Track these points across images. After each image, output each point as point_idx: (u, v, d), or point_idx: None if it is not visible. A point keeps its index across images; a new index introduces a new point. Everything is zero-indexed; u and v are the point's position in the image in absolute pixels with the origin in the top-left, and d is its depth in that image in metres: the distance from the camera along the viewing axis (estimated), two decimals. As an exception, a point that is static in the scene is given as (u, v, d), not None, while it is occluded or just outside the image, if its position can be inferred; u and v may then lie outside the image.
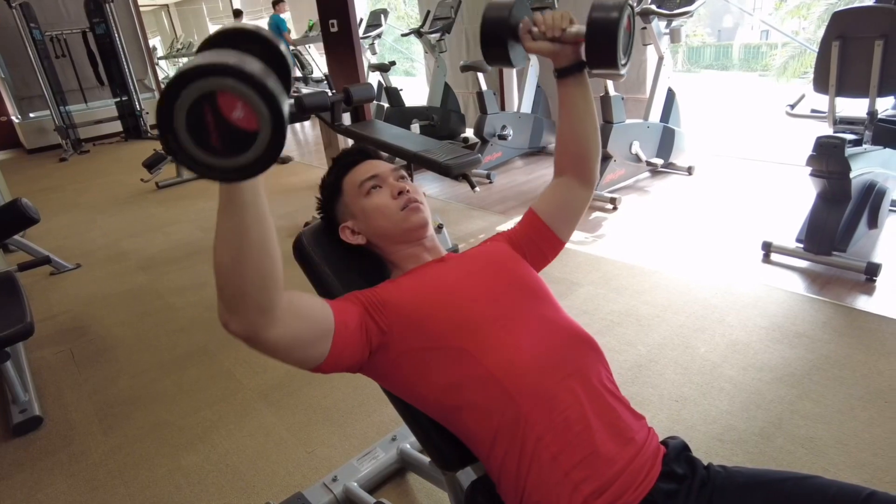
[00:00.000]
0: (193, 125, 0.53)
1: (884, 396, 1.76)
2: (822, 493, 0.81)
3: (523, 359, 0.85)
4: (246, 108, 0.54)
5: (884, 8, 2.17)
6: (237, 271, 0.68)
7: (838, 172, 2.32)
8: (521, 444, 0.81)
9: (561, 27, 0.97)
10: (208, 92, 0.52)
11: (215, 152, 0.55)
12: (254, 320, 0.71)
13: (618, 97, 3.60)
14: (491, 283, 0.95)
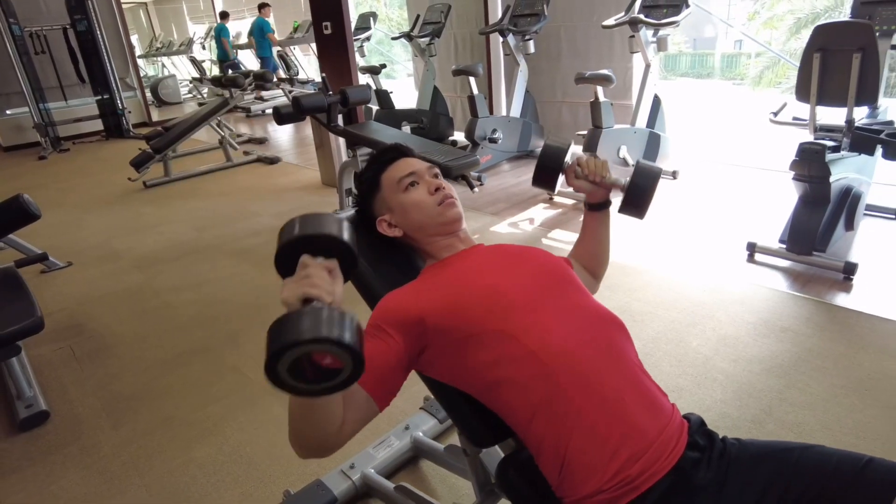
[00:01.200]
0: (293, 369, 0.68)
1: (864, 385, 1.88)
2: (826, 459, 0.90)
3: (560, 336, 0.92)
4: (334, 358, 0.69)
5: (861, 23, 2.31)
6: (309, 439, 0.83)
7: (819, 177, 2.45)
8: (562, 416, 0.88)
9: (602, 174, 1.17)
10: (306, 353, 0.68)
11: (308, 382, 0.70)
12: (325, 453, 0.86)
13: (607, 103, 3.71)
14: (523, 269, 1.03)
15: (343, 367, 0.70)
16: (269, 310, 2.68)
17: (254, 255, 3.37)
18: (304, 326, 0.67)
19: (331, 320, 0.68)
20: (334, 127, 3.56)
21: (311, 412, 0.80)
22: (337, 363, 0.69)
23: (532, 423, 0.90)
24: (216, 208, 4.37)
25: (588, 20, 4.78)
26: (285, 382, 0.69)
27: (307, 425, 0.81)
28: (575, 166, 1.20)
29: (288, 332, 0.67)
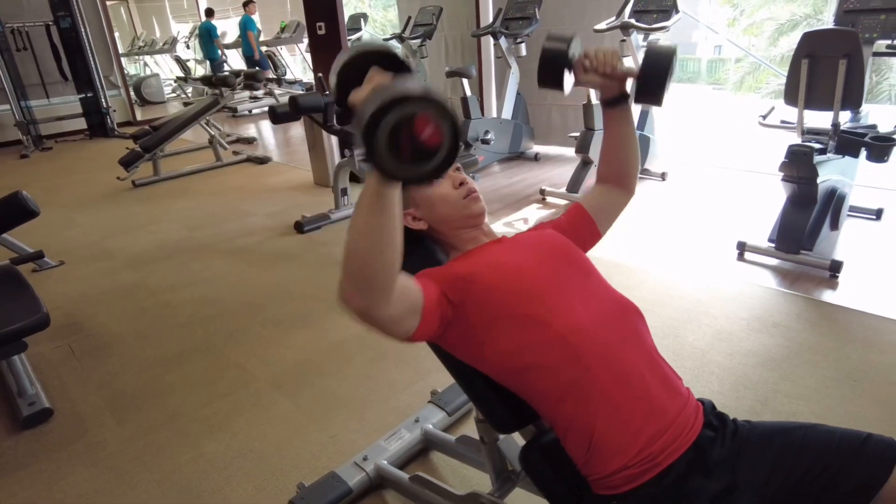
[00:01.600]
0: (392, 141, 0.66)
1: (852, 377, 1.96)
2: (829, 436, 0.96)
3: (586, 321, 0.97)
4: (436, 130, 0.67)
5: (847, 31, 2.41)
6: (372, 258, 0.79)
7: (807, 178, 2.54)
8: (589, 397, 0.92)
9: (612, 64, 1.10)
10: (411, 114, 0.65)
11: (403, 162, 0.68)
12: (375, 299, 0.82)
13: (599, 105, 3.78)
14: (548, 259, 1.07)
15: (441, 143, 0.69)
16: (268, 309, 2.70)
17: (249, 255, 3.38)
18: (413, 86, 0.66)
19: (427, 86, 0.68)
20: (330, 127, 3.58)
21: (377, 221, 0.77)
22: (436, 138, 0.68)
23: (560, 404, 0.94)
24: (208, 208, 4.35)
25: (578, 24, 4.86)
26: (381, 154, 0.67)
27: (368, 243, 0.78)
28: (583, 60, 1.12)
29: (397, 90, 0.65)
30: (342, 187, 3.84)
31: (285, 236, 3.63)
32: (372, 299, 0.82)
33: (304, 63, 10.11)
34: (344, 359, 2.28)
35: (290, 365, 2.26)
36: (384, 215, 0.77)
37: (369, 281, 0.80)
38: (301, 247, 3.47)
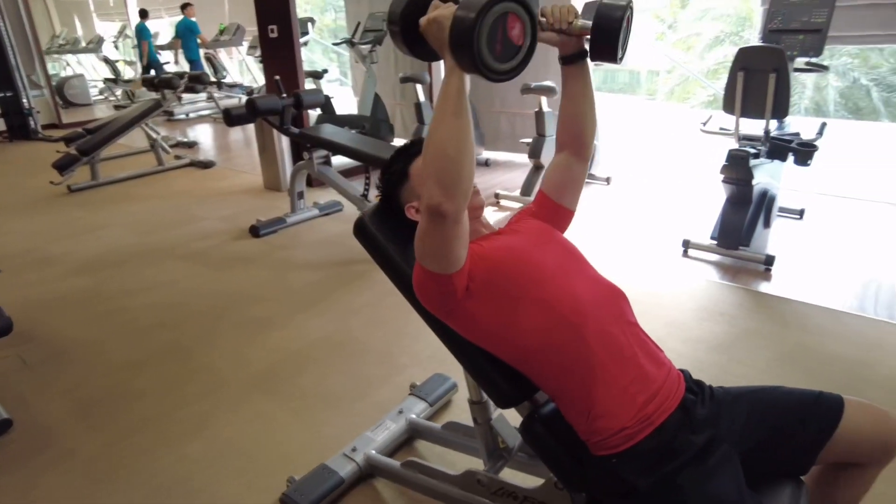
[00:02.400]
0: (490, 35, 0.81)
1: (791, 357, 2.18)
2: (788, 395, 1.11)
3: (585, 303, 1.07)
4: (522, 28, 0.82)
5: (776, 48, 2.68)
6: (461, 157, 0.90)
7: (745, 180, 2.79)
8: (589, 370, 1.02)
9: (567, 20, 1.07)
10: (506, 12, 0.81)
11: (496, 58, 0.83)
12: (459, 203, 0.92)
13: (550, 113, 3.97)
14: (548, 248, 1.17)
15: (524, 43, 0.86)
16: (233, 312, 2.67)
17: (207, 258, 3.31)
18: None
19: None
20: (287, 129, 3.57)
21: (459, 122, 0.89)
22: (521, 37, 0.85)
23: (564, 378, 1.04)
24: (156, 212, 4.21)
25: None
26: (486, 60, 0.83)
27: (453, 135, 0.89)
28: (539, 18, 1.05)
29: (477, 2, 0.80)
30: (298, 190, 3.83)
31: (241, 240, 3.58)
32: (459, 198, 0.92)
33: (244, 66, 9.91)
34: (318, 358, 2.30)
35: (264, 365, 2.26)
36: (466, 116, 0.90)
37: (458, 179, 0.91)
38: (259, 251, 3.43)
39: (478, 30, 0.80)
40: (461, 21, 0.81)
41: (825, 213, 3.66)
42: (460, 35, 0.82)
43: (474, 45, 0.80)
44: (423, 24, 0.93)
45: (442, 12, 0.90)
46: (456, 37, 0.83)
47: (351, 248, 3.44)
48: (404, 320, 2.56)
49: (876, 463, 1.09)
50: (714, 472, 0.96)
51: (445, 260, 1.00)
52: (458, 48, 0.84)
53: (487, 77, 0.87)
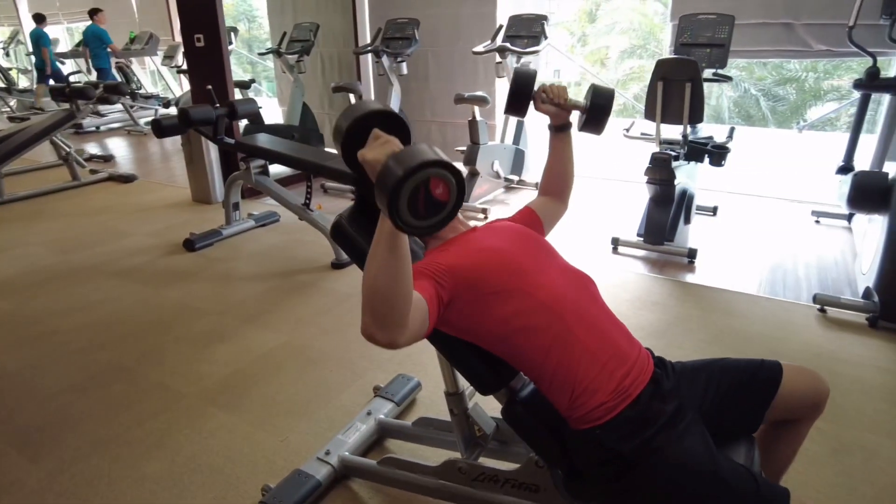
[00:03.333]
0: (411, 200, 0.81)
1: (719, 338, 2.41)
2: (736, 364, 1.27)
3: (561, 290, 1.17)
4: (446, 187, 0.82)
5: (690, 60, 2.94)
6: (393, 294, 0.91)
7: (667, 180, 3.04)
8: (571, 349, 1.12)
9: (563, 97, 1.36)
10: (427, 177, 0.80)
11: (418, 217, 0.82)
12: (397, 329, 0.94)
13: (483, 122, 4.11)
14: (521, 243, 1.26)
15: (449, 197, 0.84)
16: (177, 327, 2.58)
17: (140, 275, 3.16)
18: (426, 153, 0.79)
19: (433, 152, 0.81)
20: (221, 140, 3.48)
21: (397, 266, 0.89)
22: (445, 194, 0.83)
23: (547, 358, 1.13)
24: (76, 229, 3.96)
25: (453, 46, 5.21)
26: (404, 218, 0.81)
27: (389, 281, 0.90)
28: (541, 93, 1.37)
29: (413, 157, 0.78)
30: (234, 202, 3.74)
31: (175, 255, 3.45)
32: (395, 330, 0.94)
33: (156, 77, 9.46)
34: (274, 368, 2.28)
35: (218, 379, 2.21)
36: (400, 256, 0.89)
37: (391, 313, 0.92)
38: (197, 264, 3.32)
39: (398, 195, 0.79)
40: (382, 184, 0.80)
41: (735, 210, 4.03)
42: (382, 196, 0.80)
43: (395, 208, 0.80)
44: (360, 158, 0.96)
45: (374, 156, 0.92)
46: (379, 196, 0.82)
47: (293, 258, 3.41)
48: (357, 326, 2.57)
49: (809, 417, 1.26)
50: (684, 434, 1.07)
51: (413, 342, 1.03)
52: (381, 205, 0.83)
53: (407, 232, 0.86)
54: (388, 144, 0.95)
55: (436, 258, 1.18)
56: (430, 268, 1.14)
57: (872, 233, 2.74)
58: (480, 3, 4.97)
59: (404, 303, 0.93)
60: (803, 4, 3.65)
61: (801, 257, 3.22)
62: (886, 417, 1.93)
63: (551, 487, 1.29)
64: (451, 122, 5.52)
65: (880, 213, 2.54)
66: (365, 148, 0.97)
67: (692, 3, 3.89)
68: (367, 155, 0.94)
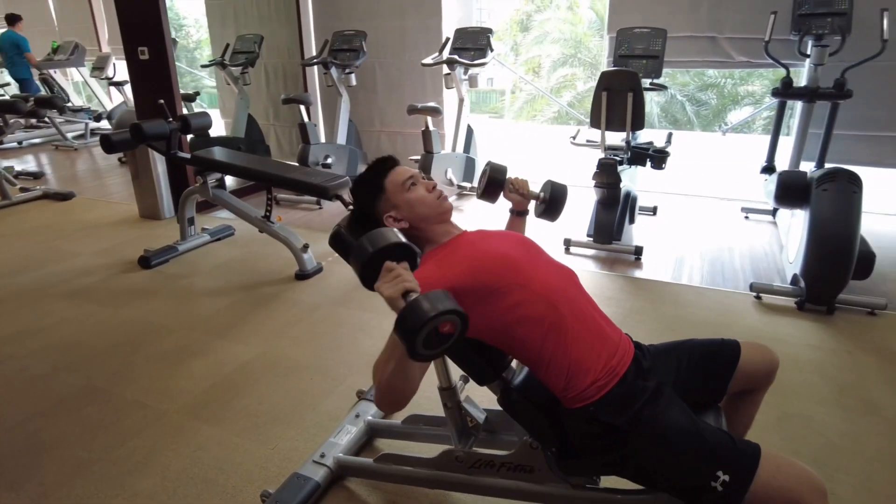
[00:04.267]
0: (427, 340, 0.98)
1: (671, 327, 2.62)
2: (701, 344, 1.43)
3: (552, 282, 1.29)
4: (452, 326, 1.00)
5: (631, 71, 3.18)
6: (403, 389, 1.16)
7: (613, 184, 3.26)
8: (564, 335, 1.24)
9: (527, 189, 1.67)
10: (443, 321, 0.98)
11: (429, 347, 1.00)
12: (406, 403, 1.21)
13: (436, 132, 4.24)
14: (509, 241, 1.38)
15: (455, 330, 1.02)
16: (146, 345, 2.55)
17: (95, 295, 3.07)
18: (430, 307, 0.97)
19: (444, 299, 0.99)
20: (174, 155, 3.44)
21: (408, 372, 1.14)
22: (452, 329, 1.01)
23: (543, 345, 1.25)
24: (16, 251, 3.77)
25: (401, 58, 5.32)
26: (420, 353, 0.99)
27: (402, 382, 1.15)
28: (509, 184, 1.68)
29: (420, 314, 0.96)
30: (189, 216, 3.68)
31: (131, 273, 3.37)
32: (401, 408, 1.24)
33: (81, 88, 9.03)
34: (252, 380, 2.29)
35: (197, 393, 2.20)
36: (409, 367, 1.13)
37: (403, 399, 1.19)
38: (155, 281, 3.26)
39: (416, 339, 0.97)
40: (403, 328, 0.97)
41: (672, 209, 4.34)
42: (402, 333, 0.98)
43: (413, 347, 0.98)
44: (377, 290, 1.08)
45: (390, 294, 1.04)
46: (399, 332, 0.99)
47: (254, 270, 3.40)
48: (331, 335, 2.63)
49: (763, 386, 1.45)
50: (667, 406, 1.22)
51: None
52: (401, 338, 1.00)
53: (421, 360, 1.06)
54: (400, 280, 1.05)
55: (434, 278, 1.23)
56: (434, 284, 1.22)
57: (795, 226, 3.05)
58: (425, 15, 5.10)
59: (412, 391, 1.18)
60: (725, 20, 4.00)
61: (735, 250, 3.53)
62: (818, 388, 2.18)
63: (545, 467, 1.41)
64: (400, 132, 5.62)
65: (802, 208, 2.84)
66: (379, 281, 1.08)
67: (627, 17, 4.18)
68: (383, 291, 1.05)
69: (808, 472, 1.08)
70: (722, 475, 1.07)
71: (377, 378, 1.16)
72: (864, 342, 2.48)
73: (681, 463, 1.14)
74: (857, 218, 2.57)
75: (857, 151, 3.80)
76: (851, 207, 2.56)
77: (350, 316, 2.81)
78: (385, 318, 2.76)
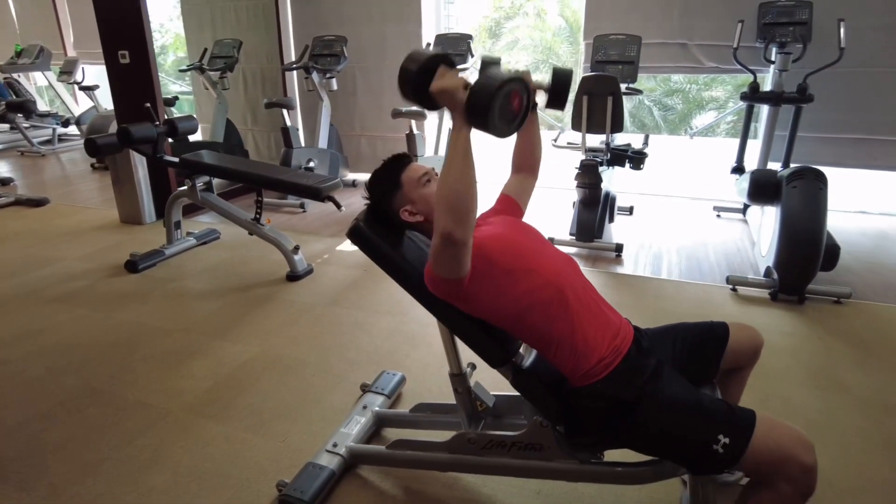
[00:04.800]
0: (502, 106, 1.09)
1: (655, 319, 2.64)
2: (693, 326, 1.55)
3: (559, 270, 1.39)
4: (521, 100, 1.11)
5: (610, 76, 3.33)
6: (470, 194, 1.17)
7: (595, 184, 3.40)
8: (572, 318, 1.33)
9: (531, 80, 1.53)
10: (511, 90, 1.10)
11: (504, 121, 1.12)
12: (468, 230, 1.19)
13: (420, 135, 4.33)
14: (520, 232, 1.47)
15: (521, 105, 1.16)
16: (143, 347, 2.56)
17: (84, 299, 3.05)
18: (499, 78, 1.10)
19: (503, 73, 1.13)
20: (161, 158, 3.44)
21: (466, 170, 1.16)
22: (520, 106, 1.15)
23: (553, 328, 1.34)
24: (-7, 258, 3.71)
25: (381, 62, 5.39)
26: (495, 114, 1.09)
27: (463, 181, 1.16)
28: None
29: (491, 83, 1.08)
30: (175, 220, 3.68)
31: (118, 277, 3.35)
32: (468, 229, 1.19)
33: (45, 93, 8.83)
34: (253, 378, 2.33)
35: (199, 393, 2.23)
36: (472, 163, 1.17)
37: (468, 210, 1.17)
38: (145, 285, 3.25)
39: (494, 103, 1.06)
40: (480, 95, 1.07)
41: (648, 209, 4.51)
42: (477, 109, 1.07)
43: (489, 115, 1.06)
44: (435, 91, 1.17)
45: (451, 84, 1.15)
46: (473, 109, 1.08)
47: (243, 273, 3.42)
48: (329, 333, 2.68)
49: (749, 364, 1.57)
50: (669, 380, 1.32)
51: (455, 272, 1.28)
52: (474, 116, 1.10)
53: (494, 134, 1.15)
54: (455, 76, 1.18)
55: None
56: None
57: (767, 222, 3.24)
58: (405, 21, 5.19)
59: (475, 202, 1.18)
60: (696, 28, 4.20)
61: (710, 246, 3.71)
62: (794, 371, 2.33)
63: (554, 445, 1.50)
64: (380, 136, 5.69)
65: (773, 205, 3.02)
66: (436, 80, 1.18)
67: (602, 23, 4.34)
68: (444, 84, 1.16)
69: (797, 430, 1.19)
70: (723, 438, 1.18)
71: (442, 196, 1.17)
72: (832, 328, 2.65)
73: (685, 429, 1.24)
74: (824, 213, 2.75)
75: (819, 152, 4.03)
76: (819, 203, 2.74)
77: (346, 315, 2.86)
78: (383, 317, 2.83)
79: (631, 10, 4.35)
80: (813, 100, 3.49)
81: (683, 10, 4.21)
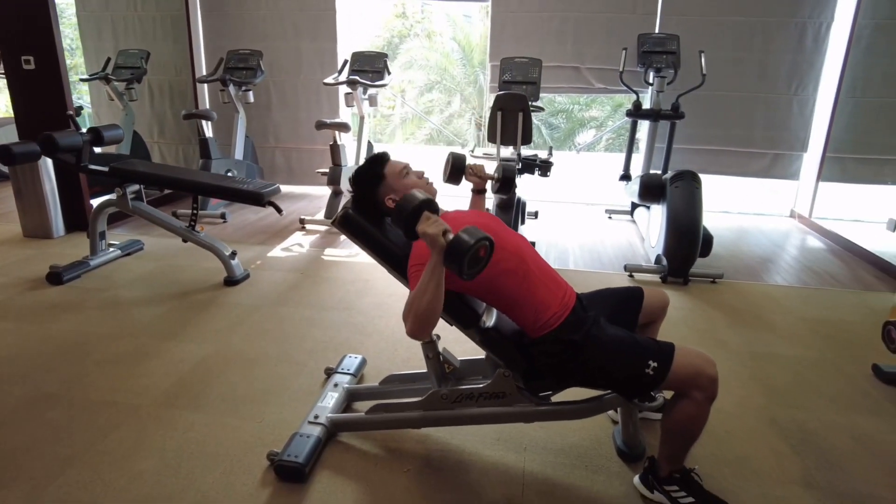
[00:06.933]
0: (471, 260, 1.38)
1: (570, 302, 3.18)
2: (616, 291, 1.94)
3: (519, 245, 1.72)
4: (486, 250, 1.41)
5: (521, 94, 3.78)
6: (437, 311, 1.49)
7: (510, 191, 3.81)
8: (531, 282, 1.66)
9: (483, 172, 2.10)
10: (480, 246, 1.38)
11: (471, 267, 1.40)
12: (430, 332, 1.57)
13: (343, 146, 4.53)
14: (484, 217, 1.79)
15: (486, 254, 1.41)
16: (93, 352, 2.56)
17: (9, 312, 2.93)
18: (473, 237, 1.37)
19: (476, 231, 1.40)
20: (84, 167, 3.39)
21: (438, 294, 1.47)
22: (484, 252, 1.41)
23: (517, 290, 1.66)
24: None
25: (296, 77, 5.54)
26: (467, 272, 1.38)
27: (437, 304, 1.47)
28: (469, 169, 2.08)
29: (465, 242, 1.36)
30: (100, 231, 3.59)
31: (40, 290, 3.23)
32: (430, 329, 1.56)
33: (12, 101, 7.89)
34: (217, 372, 2.43)
35: (166, 387, 2.30)
36: (442, 290, 1.48)
37: (432, 323, 1.52)
38: (74, 296, 3.17)
39: (466, 258, 1.35)
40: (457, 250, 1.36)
41: (550, 213, 5.05)
42: (453, 259, 1.37)
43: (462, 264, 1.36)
44: (419, 232, 1.45)
45: (434, 230, 1.40)
46: (450, 259, 1.37)
47: (177, 281, 3.44)
48: (280, 330, 2.82)
49: (660, 318, 1.99)
50: (606, 325, 1.69)
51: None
52: (449, 262, 1.38)
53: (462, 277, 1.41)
54: (439, 223, 1.43)
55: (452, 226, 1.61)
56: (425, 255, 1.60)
57: (654, 218, 3.83)
58: (321, 38, 5.39)
59: (438, 316, 1.53)
60: (586, 53, 4.83)
61: (606, 242, 4.27)
62: (686, 334, 2.85)
63: (515, 391, 1.82)
64: (295, 148, 5.80)
65: (659, 203, 3.60)
66: (422, 225, 1.44)
67: (505, 47, 4.84)
68: (427, 229, 1.42)
69: (703, 352, 1.61)
70: (652, 363, 1.56)
71: (414, 309, 1.47)
72: (710, 302, 3.24)
73: (623, 359, 1.61)
74: (700, 207, 3.36)
75: (691, 162, 4.79)
76: (696, 199, 3.35)
77: (292, 313, 3.01)
78: (330, 312, 3.01)
79: (530, 35, 4.89)
80: (684, 117, 4.18)
81: (576, 37, 4.82)
